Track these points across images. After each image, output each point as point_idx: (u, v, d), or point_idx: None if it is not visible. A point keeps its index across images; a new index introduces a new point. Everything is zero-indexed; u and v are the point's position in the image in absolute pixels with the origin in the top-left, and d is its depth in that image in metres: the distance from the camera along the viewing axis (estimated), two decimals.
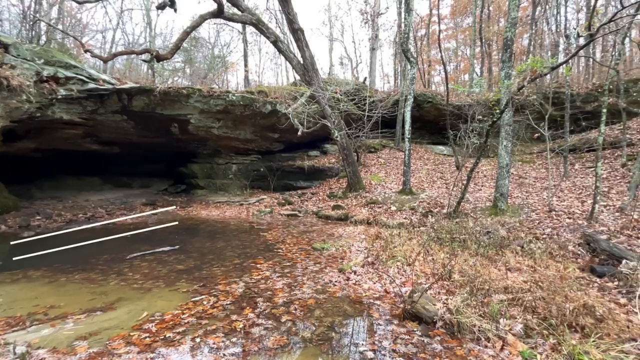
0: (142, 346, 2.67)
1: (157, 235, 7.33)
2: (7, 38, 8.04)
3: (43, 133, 9.70)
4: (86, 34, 21.43)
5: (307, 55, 9.33)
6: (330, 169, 12.64)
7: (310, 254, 5.52)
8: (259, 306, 3.49)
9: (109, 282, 4.31)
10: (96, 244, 6.61)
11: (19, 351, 2.23)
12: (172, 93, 9.99)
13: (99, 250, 5.93)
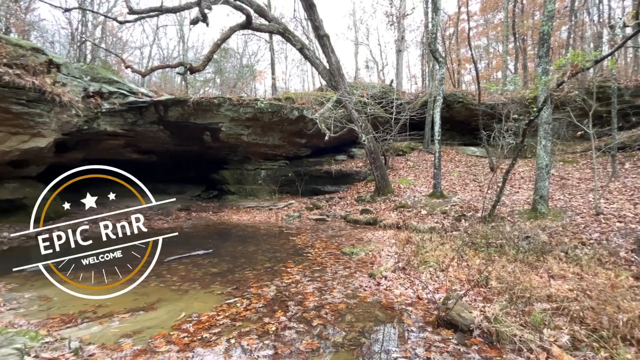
0: (181, 345, 2.80)
1: (192, 239, 7.64)
2: (58, 59, 8.81)
3: (89, 144, 10.49)
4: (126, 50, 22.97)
5: (333, 61, 9.40)
6: (357, 173, 12.57)
7: (339, 259, 5.51)
8: (291, 309, 3.53)
9: (150, 283, 4.55)
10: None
11: (73, 346, 2.42)
12: (204, 103, 10.45)
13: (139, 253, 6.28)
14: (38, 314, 3.45)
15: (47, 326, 3.08)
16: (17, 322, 3.10)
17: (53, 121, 7.62)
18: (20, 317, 3.33)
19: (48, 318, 3.34)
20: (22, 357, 2.05)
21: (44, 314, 3.46)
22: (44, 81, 7.11)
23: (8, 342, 2.21)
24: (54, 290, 4.30)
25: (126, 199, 12.35)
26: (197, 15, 7.45)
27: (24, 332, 2.43)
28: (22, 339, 2.29)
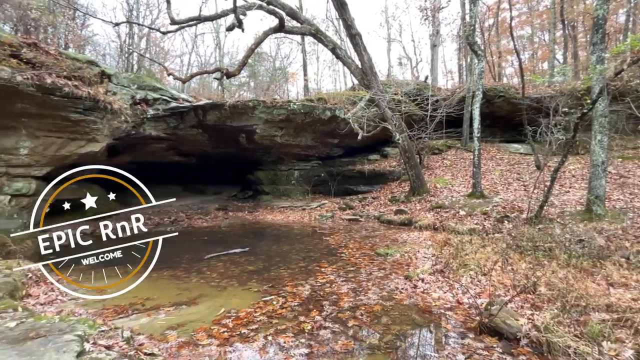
0: (221, 339, 2.91)
1: (230, 238, 7.93)
2: (109, 69, 9.55)
3: (136, 148, 11.25)
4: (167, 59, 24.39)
5: (365, 59, 9.29)
6: (391, 173, 12.32)
7: (374, 260, 5.44)
8: (325, 309, 3.53)
9: (191, 279, 4.79)
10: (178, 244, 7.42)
11: (125, 335, 2.60)
12: (240, 106, 10.79)
13: (182, 250, 6.63)
14: (95, 305, 3.76)
15: (102, 316, 3.35)
16: (77, 311, 3.40)
17: (105, 127, 8.27)
18: (80, 306, 3.65)
19: (103, 309, 3.63)
20: (82, 343, 2.24)
21: (100, 304, 3.77)
22: (97, 91, 7.74)
23: (70, 329, 2.43)
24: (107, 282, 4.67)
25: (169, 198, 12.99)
26: (233, 21, 7.72)
27: (83, 321, 2.66)
28: (82, 326, 2.51)
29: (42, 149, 7.42)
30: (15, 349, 2.12)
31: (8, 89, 5.90)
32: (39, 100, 6.54)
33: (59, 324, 2.55)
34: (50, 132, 7.38)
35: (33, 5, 11.92)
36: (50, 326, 2.48)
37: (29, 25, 12.41)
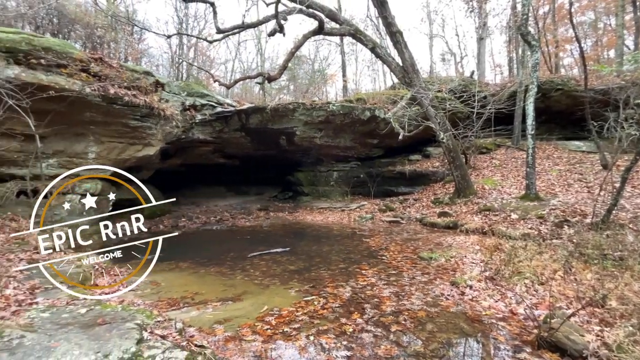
0: (265, 336, 2.98)
1: (271, 238, 8.14)
2: (162, 79, 10.31)
3: (186, 151, 12.01)
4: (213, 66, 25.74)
5: (406, 57, 9.04)
6: (434, 174, 11.83)
7: (416, 263, 5.25)
8: (367, 312, 3.48)
9: (236, 276, 4.98)
10: (224, 242, 7.78)
11: (178, 327, 2.77)
12: (281, 109, 11.06)
13: (227, 248, 6.94)
14: (150, 296, 4.06)
15: (157, 307, 3.60)
16: (136, 302, 3.69)
17: (159, 132, 8.93)
18: (138, 297, 3.95)
19: (158, 300, 3.90)
20: (141, 331, 2.43)
21: (155, 296, 4.06)
22: (152, 99, 8.38)
23: (131, 318, 2.64)
24: (161, 276, 5.03)
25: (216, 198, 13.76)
26: (275, 27, 7.94)
27: (141, 311, 2.88)
28: (141, 316, 2.72)
29: (106, 153, 8.20)
30: (85, 333, 2.35)
31: (79, 99, 6.61)
32: (104, 109, 7.24)
33: (121, 312, 2.79)
34: (113, 137, 8.13)
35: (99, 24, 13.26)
36: (114, 314, 2.72)
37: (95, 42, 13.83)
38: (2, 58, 5.90)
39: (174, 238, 8.68)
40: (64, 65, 6.52)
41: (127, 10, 17.16)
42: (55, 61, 6.43)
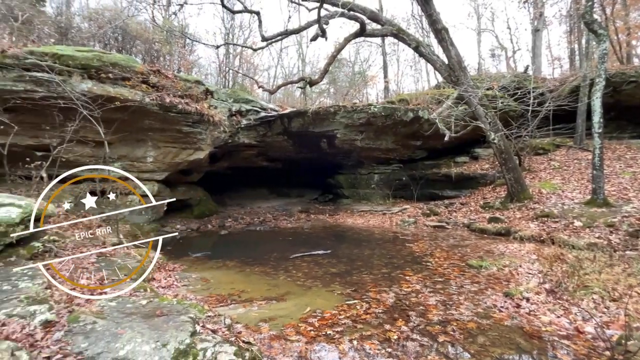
0: (308, 337, 3.01)
1: (312, 240, 8.22)
2: (212, 87, 10.94)
3: (232, 155, 12.61)
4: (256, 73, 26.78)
5: (452, 54, 8.64)
6: (483, 176, 11.14)
7: (464, 271, 4.97)
8: (412, 320, 3.36)
9: (279, 276, 5.10)
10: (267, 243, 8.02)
11: (227, 322, 2.91)
12: (322, 112, 11.17)
13: (270, 249, 7.14)
14: (201, 292, 4.30)
15: (207, 303, 3.80)
16: (189, 297, 3.94)
17: (208, 137, 9.49)
18: (190, 292, 4.21)
19: (208, 296, 4.12)
20: (194, 325, 2.58)
21: (205, 292, 4.29)
22: (202, 106, 8.93)
23: (185, 311, 2.82)
24: (210, 273, 5.31)
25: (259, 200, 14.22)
26: (317, 31, 8.06)
27: (194, 305, 3.06)
28: (194, 310, 2.89)
29: (162, 157, 8.89)
30: (146, 323, 2.55)
31: (140, 108, 7.25)
32: (160, 116, 7.87)
33: (177, 306, 2.98)
34: (168, 142, 8.79)
35: (156, 39, 14.45)
36: (170, 307, 2.92)
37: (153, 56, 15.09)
38: (78, 74, 6.68)
39: (221, 238, 9.16)
40: (127, 78, 7.21)
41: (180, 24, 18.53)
42: (121, 74, 7.13)
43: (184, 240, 8.47)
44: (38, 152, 6.23)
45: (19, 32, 9.69)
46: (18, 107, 6.21)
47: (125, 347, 2.20)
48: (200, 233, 9.76)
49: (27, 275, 3.07)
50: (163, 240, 3.86)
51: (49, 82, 6.19)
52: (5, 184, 5.98)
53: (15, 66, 6.05)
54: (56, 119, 6.20)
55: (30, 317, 2.39)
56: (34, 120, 6.57)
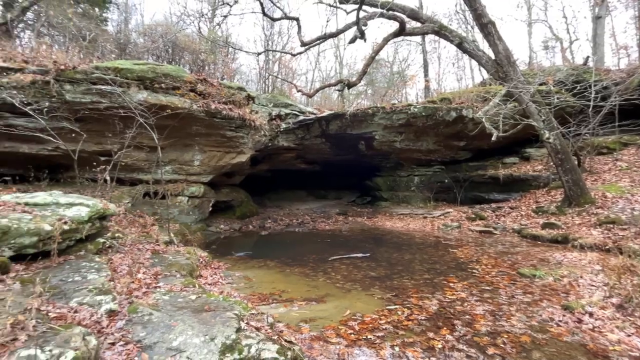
0: (348, 340, 2.99)
1: (351, 242, 8.18)
2: (253, 93, 11.36)
3: (272, 158, 12.97)
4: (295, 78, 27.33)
5: (500, 49, 8.13)
6: (535, 178, 10.32)
7: (515, 281, 4.64)
8: (457, 329, 3.20)
9: (318, 278, 5.13)
10: (306, 244, 8.12)
11: (269, 321, 2.98)
12: (360, 114, 11.11)
13: (309, 250, 7.22)
14: (244, 290, 4.46)
15: (250, 301, 3.93)
16: (233, 294, 4.10)
17: (250, 141, 9.85)
18: (234, 290, 4.39)
19: (251, 294, 4.26)
20: (239, 321, 2.69)
21: (248, 290, 4.45)
22: (244, 111, 9.30)
23: (230, 308, 2.95)
24: (252, 272, 5.49)
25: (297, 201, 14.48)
26: (355, 33, 8.03)
27: (238, 303, 3.19)
28: (238, 307, 3.01)
29: (207, 161, 9.38)
30: (196, 317, 2.70)
31: (189, 115, 7.73)
32: (206, 122, 8.32)
33: (222, 302, 3.13)
34: (213, 147, 9.27)
35: (202, 49, 15.35)
36: (217, 303, 3.07)
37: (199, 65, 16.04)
38: (135, 85, 7.29)
39: (261, 238, 9.42)
40: (177, 87, 7.72)
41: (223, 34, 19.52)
42: (172, 84, 7.66)
43: (227, 239, 8.86)
44: (102, 157, 6.88)
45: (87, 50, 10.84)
46: (86, 117, 6.94)
47: (177, 339, 2.35)
48: (242, 233, 10.15)
49: (94, 268, 3.40)
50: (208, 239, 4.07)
51: (112, 93, 6.82)
52: (75, 186, 6.69)
53: (83, 80, 6.76)
54: (117, 126, 6.83)
55: (97, 306, 2.65)
56: (99, 128, 7.28)
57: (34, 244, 3.29)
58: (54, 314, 2.40)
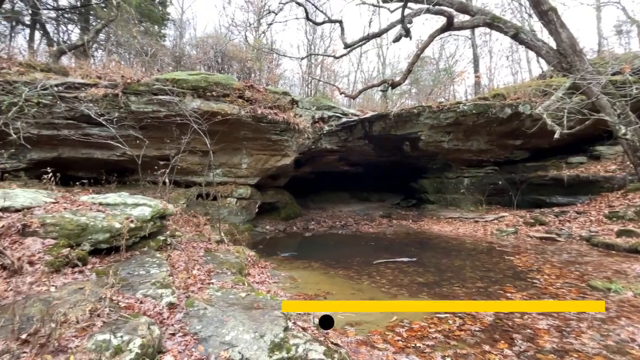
0: (396, 347, 2.90)
1: (395, 246, 7.96)
2: (296, 96, 11.61)
3: (315, 160, 13.11)
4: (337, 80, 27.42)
5: (563, 37, 7.38)
6: (607, 180, 9.18)
7: (585, 294, 4.16)
8: (517, 344, 2.95)
9: (363, 281, 5.06)
10: (349, 247, 8.07)
11: (315, 322, 3.01)
12: (404, 114, 10.80)
13: (353, 253, 7.15)
14: (290, 290, 4.54)
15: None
16: (279, 293, 4.20)
17: (294, 144, 10.07)
18: (280, 290, 4.49)
19: (297, 294, 4.33)
20: (286, 320, 2.74)
21: (293, 290, 4.53)
22: (289, 115, 9.54)
23: (278, 307, 3.03)
24: (297, 273, 5.58)
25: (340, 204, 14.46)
26: (400, 31, 7.85)
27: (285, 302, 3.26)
28: None
29: (254, 164, 9.77)
30: (246, 314, 2.81)
31: (237, 120, 8.12)
32: (253, 127, 8.67)
33: (270, 301, 3.22)
34: (259, 150, 9.62)
35: (248, 57, 16.07)
36: (265, 301, 3.17)
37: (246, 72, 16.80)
38: (190, 94, 7.84)
39: (305, 239, 9.56)
40: (227, 94, 8.16)
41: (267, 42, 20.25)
42: (222, 92, 8.11)
43: (272, 240, 9.12)
44: (161, 161, 7.50)
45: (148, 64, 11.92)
46: (148, 125, 7.61)
47: (230, 334, 2.46)
48: (286, 234, 10.39)
49: (156, 264, 3.70)
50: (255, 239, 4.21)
51: (170, 102, 7.41)
52: (139, 188, 7.36)
53: (146, 92, 7.44)
54: (174, 133, 7.40)
55: (159, 299, 2.87)
56: (158, 135, 7.93)
57: (106, 239, 3.67)
58: (124, 303, 2.65)
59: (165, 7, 17.73)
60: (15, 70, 6.81)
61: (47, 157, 7.28)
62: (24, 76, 6.70)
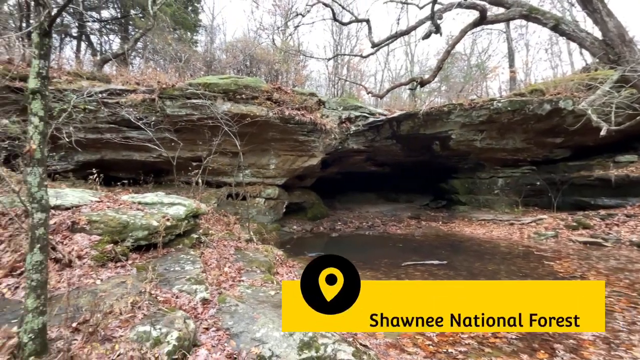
0: (427, 352, 2.83)
1: (425, 248, 7.76)
2: (323, 97, 11.65)
3: (342, 160, 13.09)
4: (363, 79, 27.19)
5: (610, 27, 6.83)
6: None
7: (636, 304, 3.84)
8: (559, 354, 2.78)
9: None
10: (377, 248, 7.98)
11: None
12: (434, 113, 10.51)
13: (380, 254, 7.07)
14: None
15: None
16: None
17: (321, 145, 10.11)
18: None
19: None
20: None
21: None
22: (316, 116, 9.60)
23: None
24: None
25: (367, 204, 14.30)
26: (430, 28, 7.62)
27: None
28: None
29: (281, 164, 9.92)
30: (275, 311, 2.86)
31: (266, 122, 8.29)
32: (281, 128, 8.81)
33: None
34: (287, 151, 9.76)
35: (276, 60, 16.35)
36: None
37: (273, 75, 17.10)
38: (220, 97, 8.11)
39: (332, 239, 9.56)
40: (256, 97, 8.35)
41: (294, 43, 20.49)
42: (251, 94, 8.31)
43: (299, 239, 9.22)
44: (193, 162, 7.82)
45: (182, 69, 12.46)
46: (182, 127, 7.96)
47: (260, 330, 2.52)
48: (313, 234, 10.45)
49: (190, 261, 3.87)
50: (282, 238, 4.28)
51: (202, 106, 7.72)
52: (173, 187, 7.72)
53: (180, 96, 7.79)
54: (205, 135, 7.69)
55: (193, 294, 3.00)
56: (191, 137, 8.28)
57: (145, 236, 3.88)
58: (161, 297, 2.79)
59: (197, 14, 18.46)
60: (65, 79, 7.39)
61: (92, 159, 7.83)
62: (72, 84, 7.25)
